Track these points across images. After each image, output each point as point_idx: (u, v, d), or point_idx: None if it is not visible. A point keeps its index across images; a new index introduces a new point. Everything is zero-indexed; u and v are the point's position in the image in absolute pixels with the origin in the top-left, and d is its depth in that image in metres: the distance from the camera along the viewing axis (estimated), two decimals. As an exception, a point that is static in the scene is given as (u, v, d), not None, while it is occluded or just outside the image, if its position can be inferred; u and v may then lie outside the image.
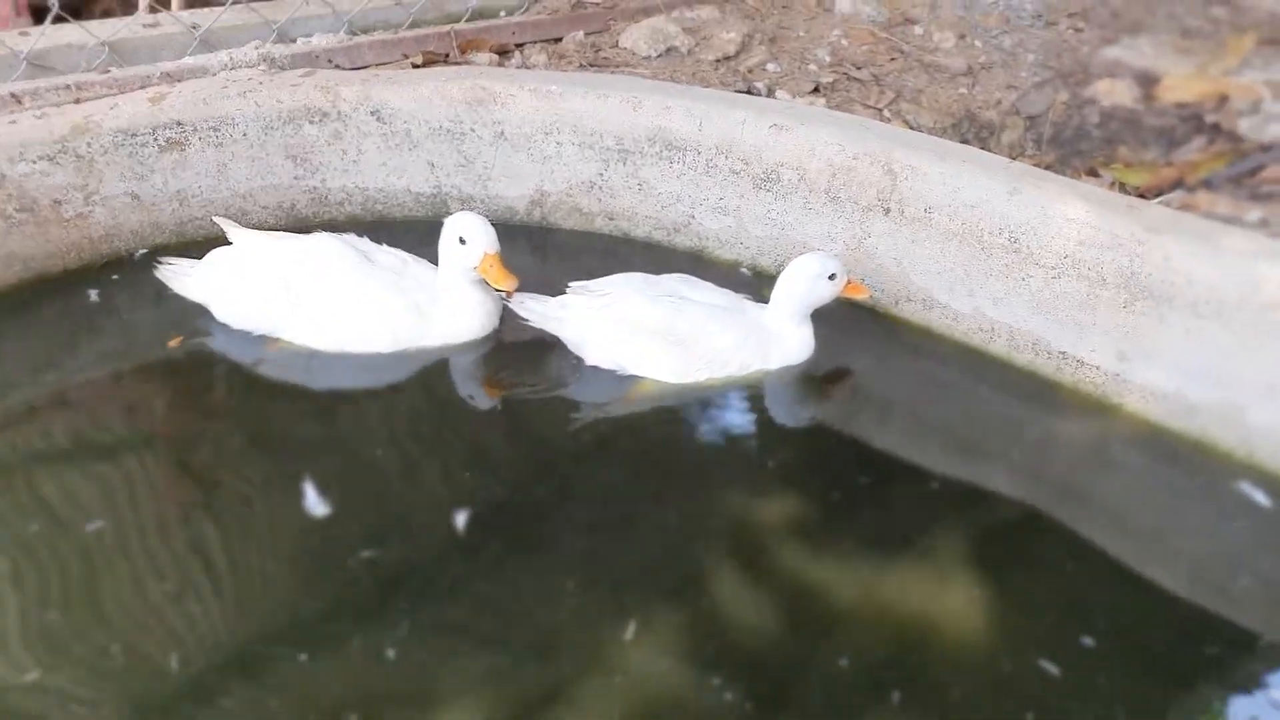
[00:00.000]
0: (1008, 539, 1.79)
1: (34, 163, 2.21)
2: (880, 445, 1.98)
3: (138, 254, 2.36)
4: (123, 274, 2.32)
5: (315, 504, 1.73)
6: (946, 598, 1.65)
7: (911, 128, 3.01)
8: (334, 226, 2.55)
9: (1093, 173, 2.98)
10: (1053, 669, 1.53)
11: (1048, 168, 3.01)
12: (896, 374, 2.21)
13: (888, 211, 2.23)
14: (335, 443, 1.89)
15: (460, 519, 1.71)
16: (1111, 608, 1.65)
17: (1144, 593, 1.69)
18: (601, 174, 2.56)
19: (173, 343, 2.09)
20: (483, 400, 2.06)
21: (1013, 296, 2.09)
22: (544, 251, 2.61)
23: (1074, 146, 3.11)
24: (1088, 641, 1.58)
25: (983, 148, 3.14)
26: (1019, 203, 2.04)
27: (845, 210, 2.30)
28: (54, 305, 2.20)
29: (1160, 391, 1.95)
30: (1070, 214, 1.97)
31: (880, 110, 3.08)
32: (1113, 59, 3.31)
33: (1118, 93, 3.10)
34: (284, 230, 2.47)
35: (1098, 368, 2.02)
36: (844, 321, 2.30)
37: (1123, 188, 2.84)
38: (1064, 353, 2.06)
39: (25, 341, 2.10)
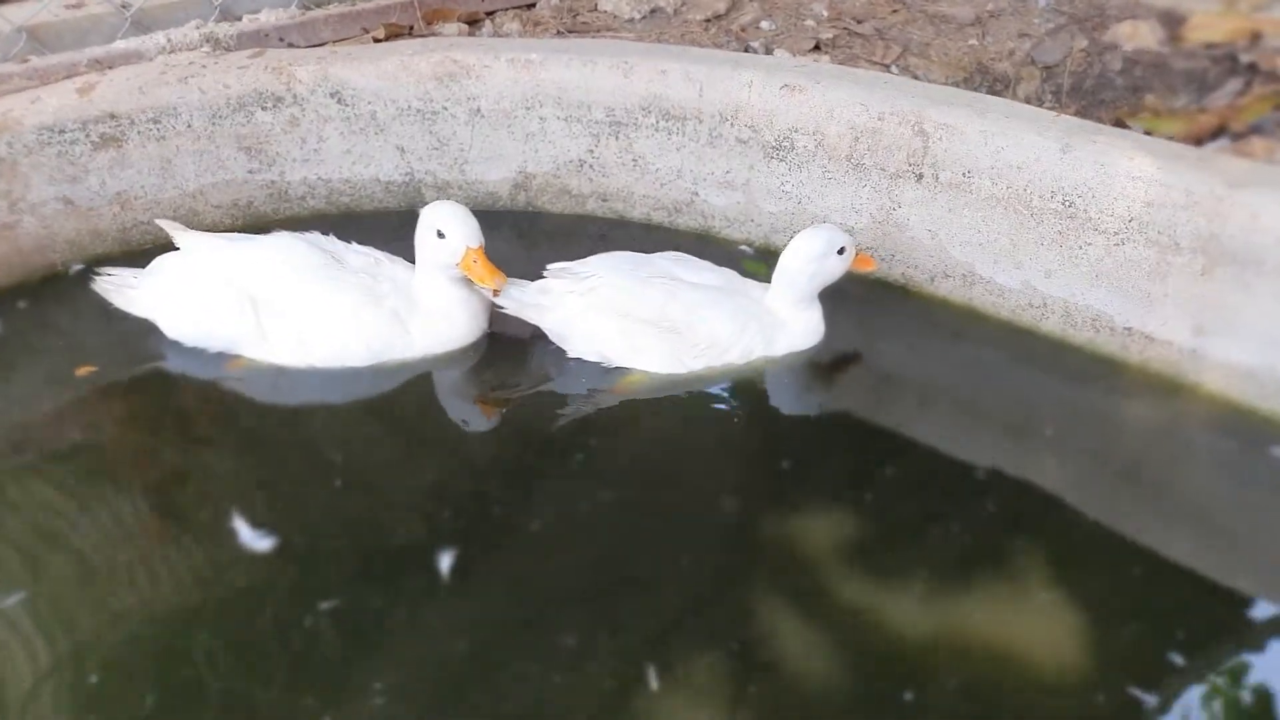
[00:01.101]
0: (1074, 540, 1.59)
1: (-55, 169, 1.94)
2: (919, 438, 1.77)
3: (72, 268, 2.09)
4: (60, 288, 2.05)
5: (261, 542, 1.50)
6: (1015, 614, 1.46)
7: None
8: (297, 223, 2.30)
9: (1120, 124, 2.75)
10: (1145, 697, 1.33)
11: (1068, 121, 2.79)
12: (934, 358, 1.99)
13: (920, 177, 1.99)
14: (301, 473, 1.66)
15: (443, 560, 1.48)
16: (1199, 618, 1.45)
17: (1232, 600, 1.49)
18: (592, 150, 2.31)
19: (81, 371, 1.82)
20: (470, 417, 1.84)
21: (1068, 267, 1.87)
22: (531, 239, 2.35)
23: (1096, 96, 2.88)
24: (1177, 660, 1.38)
25: (997, 102, 2.91)
26: (1073, 161, 1.81)
27: (871, 178, 2.06)
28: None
29: (1245, 368, 1.73)
30: (1135, 171, 1.74)
31: (887, 66, 2.83)
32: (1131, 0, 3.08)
33: (1140, 36, 2.87)
34: (240, 231, 2.22)
35: (1170, 343, 1.80)
36: (870, 302, 2.08)
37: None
38: (1129, 328, 1.84)
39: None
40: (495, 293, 1.84)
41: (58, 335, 1.95)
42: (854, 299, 2.09)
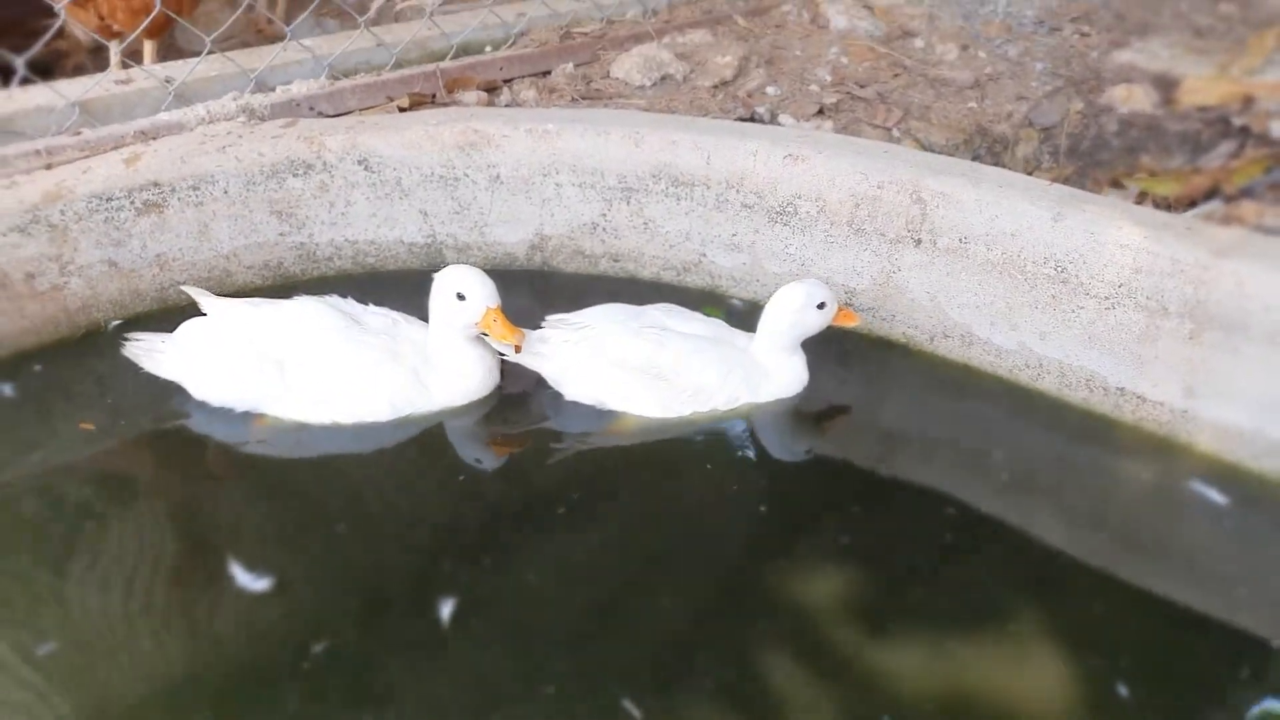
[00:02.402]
0: (1070, 594, 1.64)
1: (4, 235, 2.06)
2: (915, 489, 1.85)
3: (110, 325, 2.20)
4: (100, 344, 2.15)
5: (258, 584, 1.59)
6: (1009, 668, 1.50)
7: (923, 146, 2.88)
8: (324, 283, 2.41)
9: (1116, 184, 2.84)
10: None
11: (1066, 180, 2.88)
12: (933, 414, 2.07)
13: (919, 243, 2.09)
14: (315, 521, 1.74)
15: (442, 607, 1.56)
16: (1198, 671, 1.49)
17: (1231, 652, 1.53)
18: (604, 214, 2.42)
19: (85, 425, 1.91)
20: (482, 458, 1.93)
21: (1062, 330, 1.95)
22: (546, 296, 2.45)
23: (1093, 157, 2.98)
24: (1179, 714, 1.43)
25: (996, 163, 3.01)
26: (1065, 229, 1.90)
27: (871, 242, 2.15)
28: (28, 382, 2.04)
29: (1236, 429, 1.80)
30: (1123, 239, 1.83)
31: (889, 129, 2.95)
32: (1126, 63, 3.19)
33: (1135, 98, 2.98)
34: (272, 290, 2.34)
35: (1161, 404, 1.87)
36: (872, 359, 2.17)
37: (1147, 198, 2.71)
38: (1122, 389, 1.91)
39: (3, 420, 1.94)
40: (517, 349, 1.93)
41: (96, 387, 2.05)
42: (856, 356, 2.18)
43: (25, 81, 2.36)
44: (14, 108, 2.34)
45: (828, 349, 2.14)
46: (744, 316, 2.20)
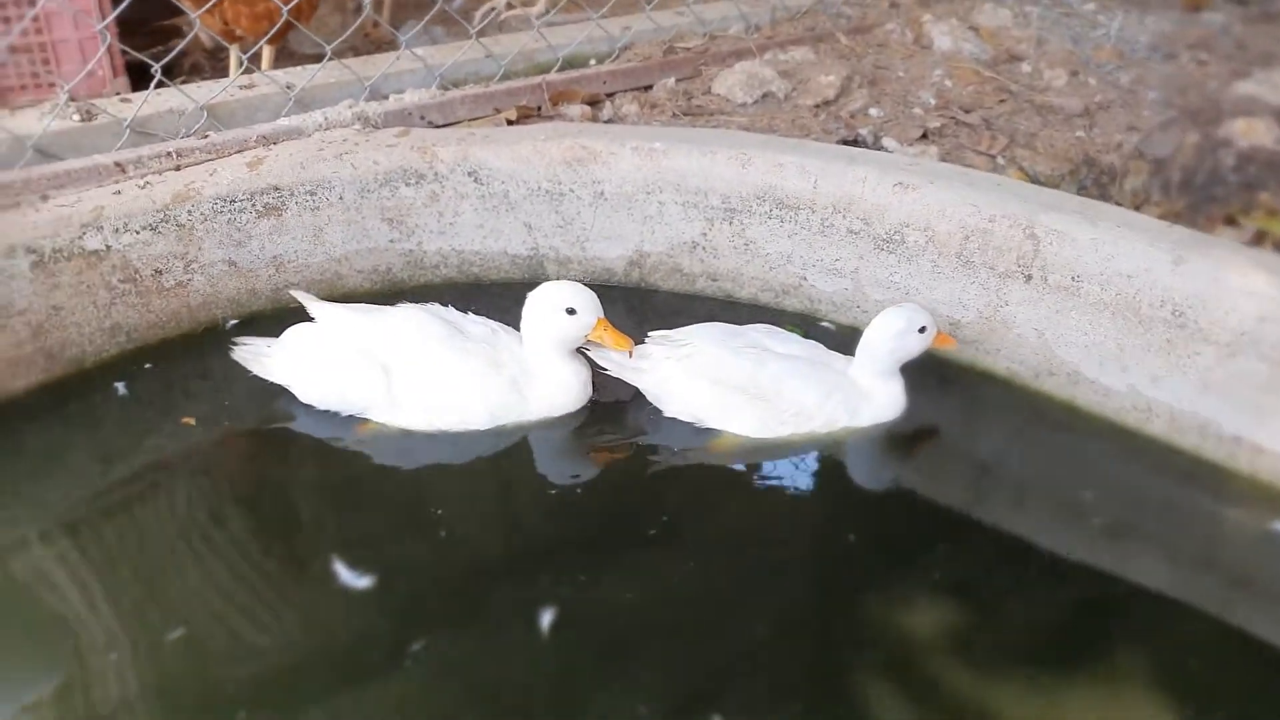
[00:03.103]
0: (1168, 640, 1.60)
1: (137, 233, 2.17)
2: (1013, 525, 1.82)
3: (228, 323, 2.29)
4: (218, 340, 2.25)
5: (360, 582, 1.64)
6: (1114, 712, 1.47)
7: (1028, 174, 2.84)
8: (430, 289, 2.48)
9: (1231, 221, 2.76)
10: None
11: (1177, 216, 2.81)
12: (1035, 451, 2.04)
13: (1029, 278, 2.06)
14: (413, 524, 1.79)
15: (544, 617, 1.59)
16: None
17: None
18: (705, 234, 2.43)
19: (186, 421, 2.00)
20: (578, 470, 1.96)
21: (1176, 375, 1.90)
22: (642, 313, 2.49)
23: (1207, 192, 2.89)
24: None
25: (1102, 195, 2.94)
26: (1185, 273, 1.86)
27: (979, 275, 2.13)
28: (150, 377, 2.14)
29: (1360, 486, 1.74)
30: (1249, 286, 1.78)
31: (994, 157, 2.90)
32: (1247, 95, 3.08)
33: (1256, 132, 2.88)
34: (379, 294, 2.42)
35: (1281, 456, 1.82)
36: (975, 393, 2.15)
37: (1265, 238, 2.62)
38: (1239, 438, 1.86)
39: (123, 413, 2.04)
40: (630, 354, 1.99)
41: (210, 384, 2.14)
42: (958, 389, 2.16)
43: (159, 85, 2.48)
44: (149, 110, 2.47)
45: (928, 378, 2.13)
46: (834, 340, 2.20)
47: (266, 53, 2.94)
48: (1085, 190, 2.91)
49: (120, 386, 2.10)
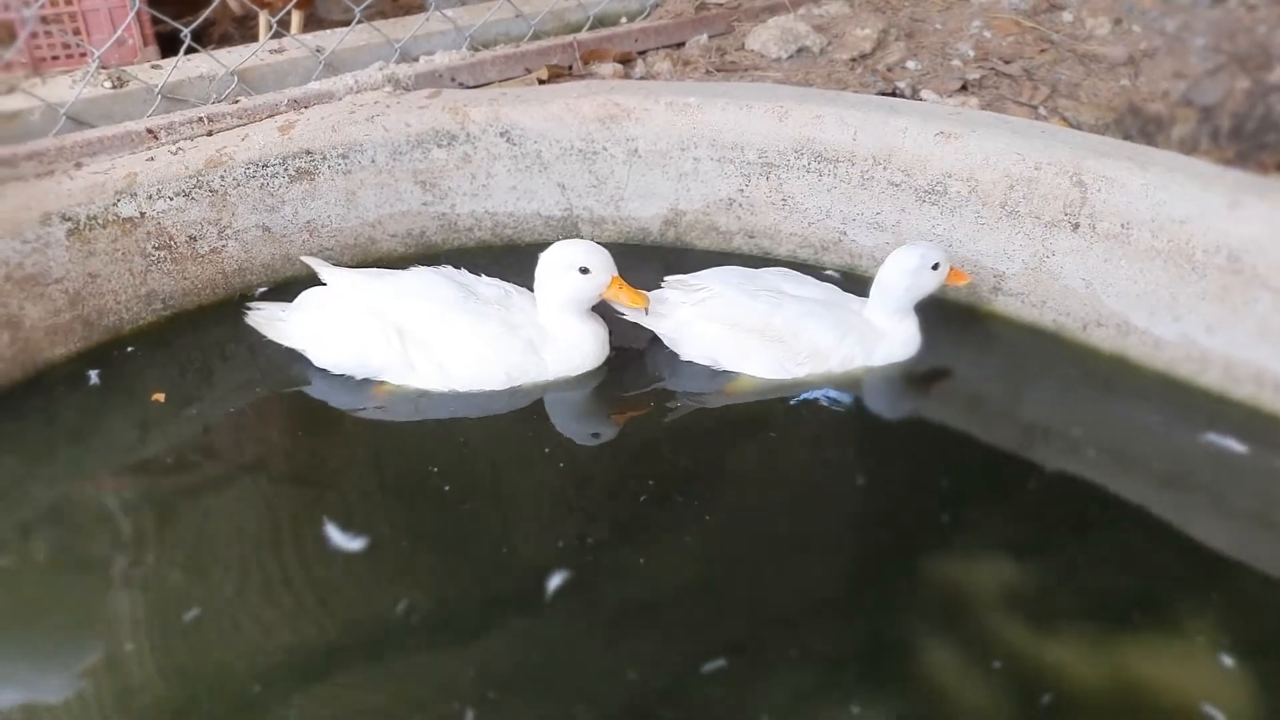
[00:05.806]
0: (1231, 593, 1.56)
1: (171, 199, 2.16)
2: (1065, 476, 1.78)
3: (257, 291, 2.29)
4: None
5: (356, 544, 1.64)
6: (1179, 668, 1.44)
7: (1071, 125, 2.76)
8: (463, 253, 2.46)
9: (1283, 169, 2.68)
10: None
11: (1228, 163, 2.72)
12: (1085, 404, 1.98)
13: (1076, 227, 2.00)
14: (430, 488, 1.77)
15: (553, 578, 1.57)
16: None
17: None
18: (742, 190, 2.39)
19: (157, 397, 1.97)
20: (596, 426, 1.95)
21: (1232, 323, 1.84)
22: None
23: (1258, 139, 2.81)
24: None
25: (1149, 144, 2.86)
26: (1241, 217, 1.79)
27: (1024, 225, 2.07)
28: (190, 344, 2.15)
29: None
30: (1312, 229, 1.72)
31: (1035, 108, 2.83)
32: (1299, 39, 2.97)
33: (1309, 77, 2.77)
34: (415, 258, 2.40)
35: (1344, 405, 1.76)
36: (1022, 347, 2.10)
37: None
38: (1299, 387, 1.80)
39: (161, 380, 2.04)
40: (646, 312, 1.98)
41: (247, 350, 2.14)
42: (1003, 342, 2.12)
43: (189, 51, 2.47)
44: (179, 76, 2.46)
45: (971, 333, 2.08)
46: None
47: (296, 17, 2.92)
48: (1130, 140, 2.82)
49: (156, 354, 2.11)
